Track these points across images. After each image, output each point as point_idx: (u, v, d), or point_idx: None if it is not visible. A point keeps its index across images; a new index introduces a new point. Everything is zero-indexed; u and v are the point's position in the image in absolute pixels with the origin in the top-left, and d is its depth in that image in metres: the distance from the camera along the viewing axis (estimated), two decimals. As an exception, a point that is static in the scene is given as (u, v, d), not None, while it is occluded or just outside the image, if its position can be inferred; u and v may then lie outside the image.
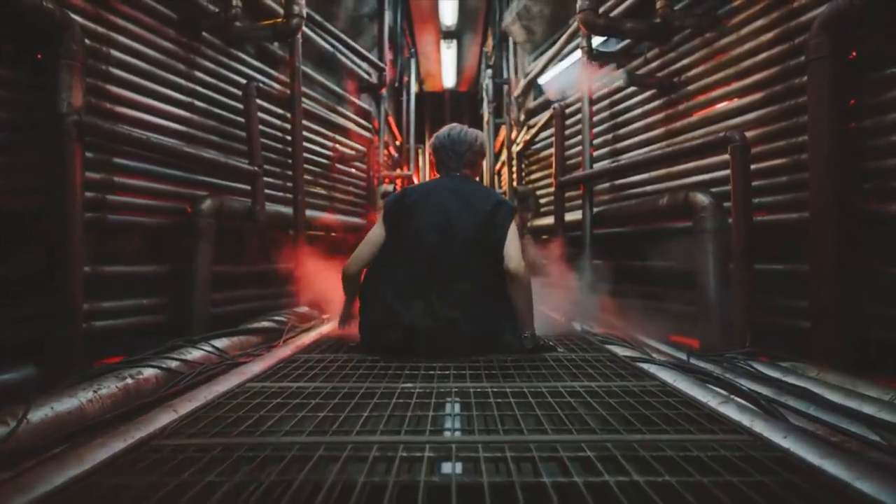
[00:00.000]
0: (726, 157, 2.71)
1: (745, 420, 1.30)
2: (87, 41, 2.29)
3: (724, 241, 2.52)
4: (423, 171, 10.90)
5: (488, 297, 2.20)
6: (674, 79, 3.19)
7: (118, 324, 2.51)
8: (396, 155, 6.88)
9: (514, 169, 5.79)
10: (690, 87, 3.06)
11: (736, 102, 2.74)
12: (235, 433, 1.24)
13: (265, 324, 2.78)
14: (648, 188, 3.41)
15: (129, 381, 1.57)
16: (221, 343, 2.26)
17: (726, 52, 2.79)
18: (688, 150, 2.62)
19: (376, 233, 2.29)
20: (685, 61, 3.10)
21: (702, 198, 2.58)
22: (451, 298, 2.16)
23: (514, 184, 5.70)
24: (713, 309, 2.53)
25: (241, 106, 3.26)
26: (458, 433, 1.27)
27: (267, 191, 3.61)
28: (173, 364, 1.83)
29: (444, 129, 2.45)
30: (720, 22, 2.84)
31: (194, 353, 1.99)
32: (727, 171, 2.75)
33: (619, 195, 3.72)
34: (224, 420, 1.34)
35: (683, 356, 2.41)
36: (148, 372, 1.68)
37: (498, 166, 7.36)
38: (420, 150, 10.70)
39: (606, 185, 3.81)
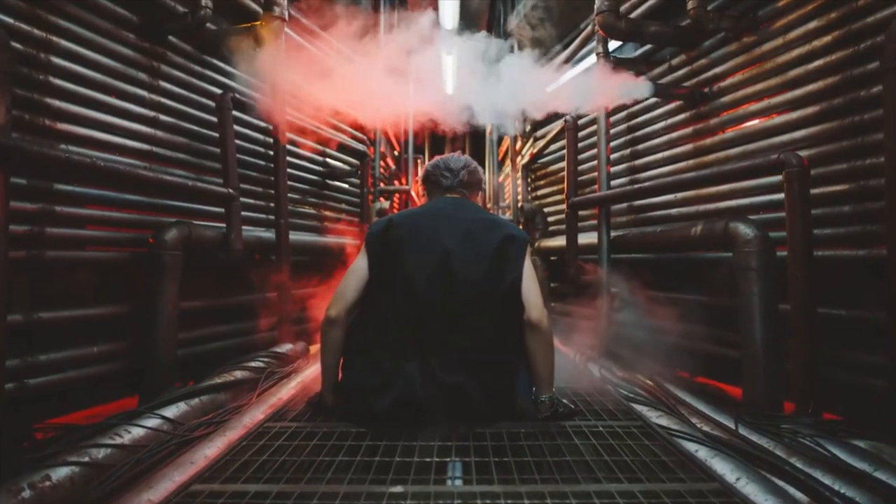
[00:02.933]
0: (769, 179, 2.37)
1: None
2: (17, 45, 1.94)
3: (772, 280, 2.14)
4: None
5: (498, 353, 1.82)
6: (704, 89, 2.82)
7: (62, 378, 2.13)
8: (394, 167, 6.52)
9: (520, 182, 5.42)
10: (724, 99, 2.69)
11: (782, 117, 2.37)
12: None
13: (237, 374, 2.39)
14: (673, 211, 3.04)
15: (26, 494, 1.19)
16: (176, 410, 1.86)
17: (770, 60, 2.42)
18: (729, 173, 2.24)
19: (360, 266, 1.89)
20: (718, 69, 2.73)
21: (745, 229, 2.20)
22: (453, 358, 1.77)
23: (520, 199, 5.32)
24: (760, 359, 2.14)
25: (215, 119, 2.89)
26: None
27: (247, 213, 3.25)
28: (101, 454, 1.44)
29: (433, 159, 2.14)
30: (762, 24, 2.47)
31: (135, 433, 1.60)
32: (770, 196, 2.42)
33: (639, 217, 3.35)
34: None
35: (727, 419, 2.03)
36: (60, 474, 1.30)
37: (501, 178, 6.99)
38: (419, 161, 10.33)
39: (624, 205, 3.44)
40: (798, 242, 1.94)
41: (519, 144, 5.65)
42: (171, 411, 1.83)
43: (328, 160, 4.25)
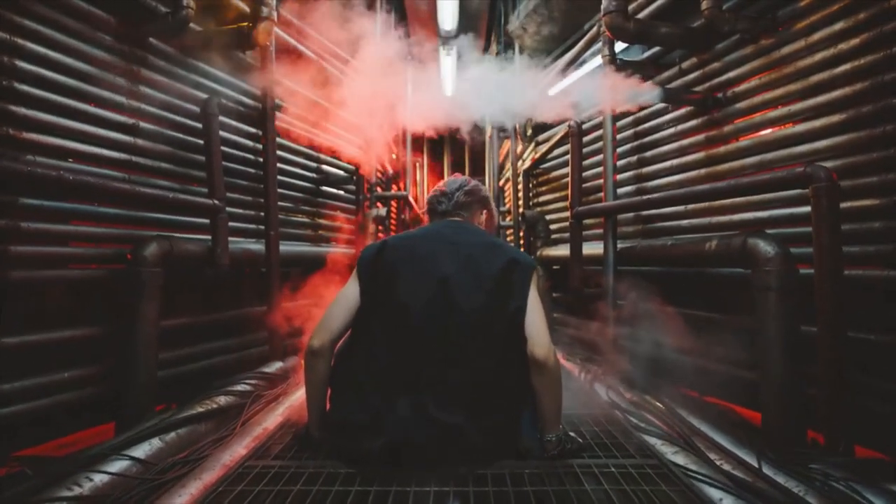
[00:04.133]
0: (790, 191, 2.22)
1: None
2: (-24, 50, 1.79)
3: (795, 301, 1.99)
4: (420, 187, 10.35)
5: (501, 388, 1.66)
6: (717, 94, 2.67)
7: (29, 408, 1.98)
8: (391, 171, 6.36)
9: (521, 187, 5.26)
10: (740, 105, 2.53)
11: (803, 125, 2.21)
12: None
13: (221, 400, 2.24)
14: (684, 222, 2.88)
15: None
16: (149, 448, 1.71)
17: (790, 63, 2.27)
18: (749, 186, 2.08)
19: (350, 292, 1.75)
20: (732, 73, 2.58)
21: (765, 246, 2.04)
22: (451, 394, 1.61)
23: (520, 205, 5.16)
24: (782, 386, 1.99)
25: (200, 126, 2.73)
26: None
27: (236, 224, 3.10)
28: (56, 509, 1.28)
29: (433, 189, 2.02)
30: (781, 25, 2.32)
31: (97, 480, 1.45)
32: (791, 210, 2.26)
33: (647, 227, 3.19)
34: None
35: (748, 455, 1.87)
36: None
37: (502, 182, 6.83)
38: (417, 164, 10.17)
39: (631, 215, 3.28)
40: (826, 263, 1.78)
41: (520, 148, 5.49)
42: (142, 450, 1.68)
43: (322, 166, 4.09)
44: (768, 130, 2.42)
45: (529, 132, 5.03)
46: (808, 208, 2.14)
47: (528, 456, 1.69)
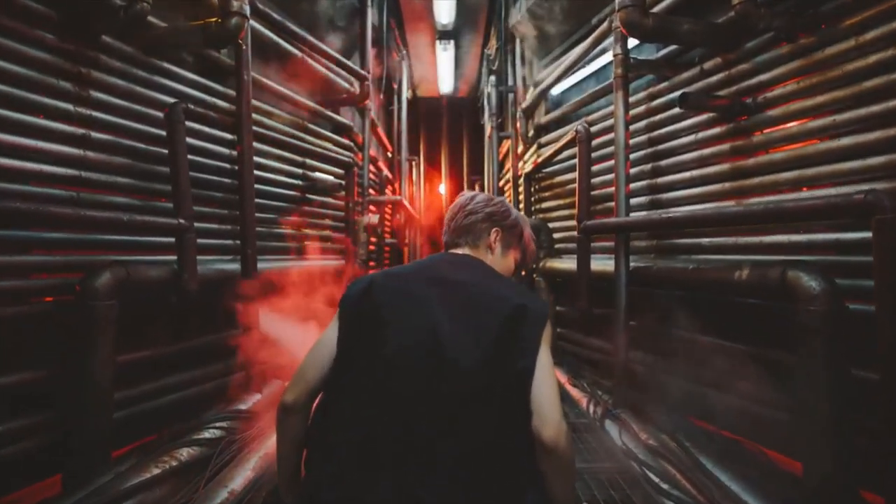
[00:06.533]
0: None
1: None
2: None
3: (845, 344, 1.72)
4: (416, 187, 10.02)
5: (501, 464, 1.36)
6: (745, 99, 2.37)
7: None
8: (385, 171, 6.04)
9: (521, 191, 4.96)
10: (773, 113, 2.24)
11: (852, 138, 1.92)
12: None
13: (183, 453, 1.96)
14: (704, 241, 2.59)
15: None
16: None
17: (836, 66, 1.97)
18: (791, 212, 1.78)
19: (329, 338, 1.45)
20: (764, 76, 2.28)
21: (809, 280, 1.76)
22: (441, 471, 1.32)
23: (521, 210, 4.87)
24: (830, 439, 1.72)
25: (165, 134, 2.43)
26: None
27: (209, 241, 2.81)
28: None
29: None
30: (825, 22, 2.02)
31: None
32: (836, 235, 1.97)
33: (661, 244, 2.90)
34: None
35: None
36: None
37: (501, 183, 6.53)
38: (413, 164, 9.83)
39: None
40: (892, 305, 1.50)
41: (521, 149, 5.18)
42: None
43: (308, 172, 3.79)
44: (807, 142, 2.12)
45: (531, 133, 4.72)
46: (859, 234, 1.87)
47: (535, 544, 1.42)
